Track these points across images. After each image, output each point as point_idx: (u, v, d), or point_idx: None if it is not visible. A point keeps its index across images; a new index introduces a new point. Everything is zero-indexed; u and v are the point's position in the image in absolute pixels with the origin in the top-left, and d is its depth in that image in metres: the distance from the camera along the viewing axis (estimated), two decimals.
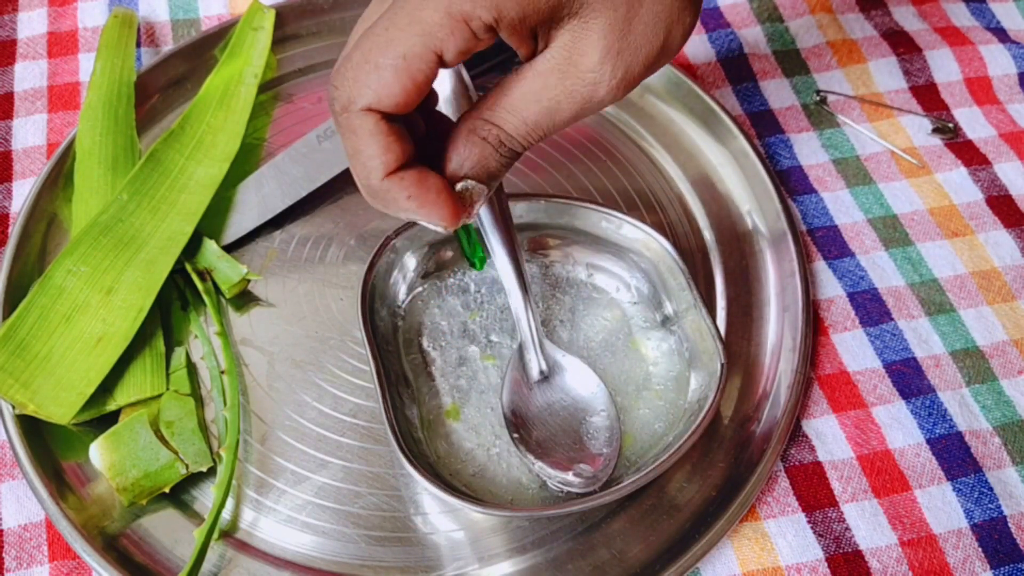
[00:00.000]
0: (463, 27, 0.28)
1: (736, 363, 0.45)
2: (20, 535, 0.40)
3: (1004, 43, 0.56)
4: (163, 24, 0.57)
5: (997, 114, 0.54)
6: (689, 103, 0.52)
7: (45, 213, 0.48)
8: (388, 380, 0.39)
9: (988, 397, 0.45)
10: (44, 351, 0.41)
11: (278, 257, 0.48)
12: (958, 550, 0.41)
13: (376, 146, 0.29)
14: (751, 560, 0.40)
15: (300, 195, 0.48)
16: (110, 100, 0.50)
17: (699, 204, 0.50)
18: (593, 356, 0.43)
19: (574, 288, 0.45)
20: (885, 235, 0.49)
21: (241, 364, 0.44)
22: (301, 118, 0.53)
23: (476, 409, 0.42)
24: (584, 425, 0.40)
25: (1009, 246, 0.49)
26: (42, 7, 0.57)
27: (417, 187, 0.30)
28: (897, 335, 0.46)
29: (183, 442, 0.40)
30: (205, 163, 0.48)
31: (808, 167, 0.52)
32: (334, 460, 0.42)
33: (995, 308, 0.47)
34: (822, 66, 0.56)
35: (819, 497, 0.42)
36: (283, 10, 0.55)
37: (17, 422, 0.41)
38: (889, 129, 0.54)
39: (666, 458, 0.37)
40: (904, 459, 0.43)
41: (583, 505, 0.37)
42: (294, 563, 0.40)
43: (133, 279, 0.44)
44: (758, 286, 0.47)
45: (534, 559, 0.40)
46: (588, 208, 0.44)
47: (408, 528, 0.40)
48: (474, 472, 0.40)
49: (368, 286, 0.41)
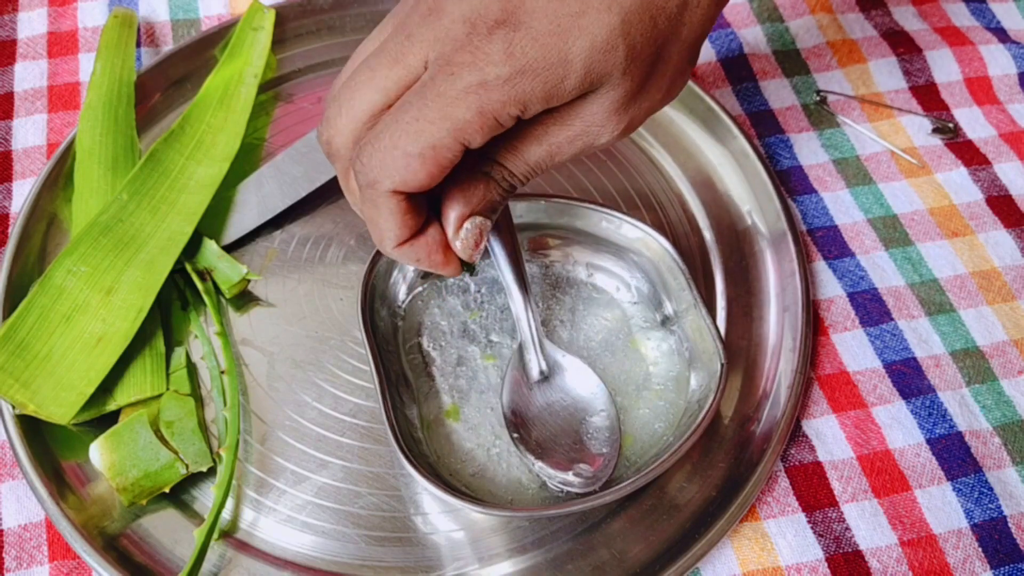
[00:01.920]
0: (492, 122, 0.29)
1: (736, 363, 0.45)
2: (20, 535, 0.40)
3: (1004, 43, 0.56)
4: (163, 24, 0.57)
5: (997, 114, 0.54)
6: (689, 103, 0.52)
7: (45, 213, 0.48)
8: (388, 380, 0.39)
9: (988, 397, 0.45)
10: (44, 351, 0.41)
11: (278, 257, 0.48)
12: (958, 550, 0.41)
13: (393, 222, 0.31)
14: (751, 560, 0.40)
15: (300, 195, 0.48)
16: (110, 100, 0.50)
17: (699, 204, 0.50)
18: (593, 356, 0.43)
19: (574, 288, 0.45)
20: (885, 235, 0.49)
21: (241, 364, 0.44)
22: (301, 118, 0.53)
23: (476, 409, 0.42)
24: (584, 425, 0.40)
25: (1009, 246, 0.49)
26: (42, 7, 0.57)
27: (425, 251, 0.33)
28: (897, 335, 0.46)
29: (183, 442, 0.40)
30: (205, 163, 0.48)
31: (808, 167, 0.52)
32: (334, 460, 0.42)
33: (995, 308, 0.47)
34: (822, 66, 0.56)
35: (819, 497, 0.42)
36: (283, 10, 0.55)
37: (17, 422, 0.41)
38: (889, 129, 0.54)
39: (666, 458, 0.37)
40: (904, 459, 0.43)
41: (583, 505, 0.37)
42: (294, 563, 0.40)
43: (133, 279, 0.44)
44: (758, 286, 0.47)
45: (534, 559, 0.40)
46: (588, 208, 0.44)
47: (408, 528, 0.40)
48: (474, 472, 0.40)
49: (368, 286, 0.41)
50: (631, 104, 0.31)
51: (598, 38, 0.29)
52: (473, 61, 0.29)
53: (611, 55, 0.30)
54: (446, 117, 0.29)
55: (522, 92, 0.29)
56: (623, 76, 0.30)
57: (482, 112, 0.29)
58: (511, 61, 0.29)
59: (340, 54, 0.55)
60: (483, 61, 0.29)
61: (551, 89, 0.29)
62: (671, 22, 0.31)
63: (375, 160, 0.30)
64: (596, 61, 0.29)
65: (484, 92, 0.29)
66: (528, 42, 0.29)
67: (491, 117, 0.29)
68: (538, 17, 0.29)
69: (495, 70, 0.29)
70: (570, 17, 0.29)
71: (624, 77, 0.30)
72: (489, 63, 0.29)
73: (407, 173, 0.30)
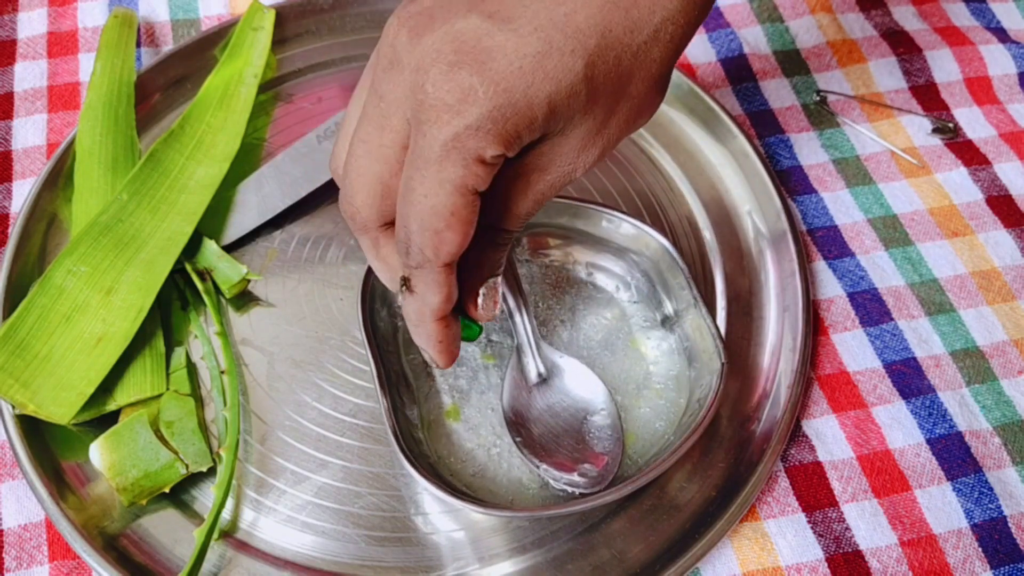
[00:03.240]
0: (481, 166, 0.29)
1: (736, 363, 0.45)
2: (20, 535, 0.40)
3: (1004, 43, 0.56)
4: (163, 24, 0.57)
5: (997, 114, 0.54)
6: (689, 103, 0.52)
7: (45, 213, 0.48)
8: (388, 380, 0.39)
9: (988, 397, 0.45)
10: (44, 351, 0.41)
11: (278, 257, 0.48)
12: (958, 550, 0.41)
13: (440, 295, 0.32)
14: (751, 560, 0.40)
15: (300, 195, 0.48)
16: (110, 100, 0.50)
17: (699, 204, 0.50)
18: (593, 355, 0.43)
19: (574, 288, 0.45)
20: (885, 235, 0.49)
21: (241, 364, 0.44)
22: (301, 118, 0.53)
23: (476, 409, 0.42)
24: (586, 424, 0.40)
25: (1009, 246, 0.49)
26: (42, 7, 0.57)
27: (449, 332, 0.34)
28: (897, 335, 0.46)
29: (183, 442, 0.40)
30: (205, 163, 0.48)
31: (808, 167, 0.52)
32: (334, 460, 0.42)
33: (995, 308, 0.47)
34: (822, 66, 0.56)
35: (819, 497, 0.42)
36: (283, 10, 0.55)
37: (17, 422, 0.41)
38: (889, 129, 0.54)
39: (667, 457, 0.37)
40: (904, 459, 0.43)
41: (584, 505, 0.37)
42: (294, 563, 0.40)
43: (133, 279, 0.44)
44: (758, 286, 0.47)
45: (534, 559, 0.40)
46: (588, 208, 0.44)
47: (408, 528, 0.40)
48: (474, 472, 0.40)
49: (368, 286, 0.41)
50: (598, 137, 0.31)
51: (563, 84, 0.28)
52: (438, 116, 0.28)
53: (574, 99, 0.29)
54: (444, 181, 0.29)
55: (496, 135, 0.28)
56: (584, 115, 0.30)
57: (467, 163, 0.28)
58: (475, 107, 0.28)
59: (340, 54, 0.55)
60: (447, 113, 0.28)
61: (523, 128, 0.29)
62: (636, 59, 0.30)
63: (414, 246, 0.30)
64: (561, 104, 0.29)
65: (461, 144, 0.28)
66: (490, 86, 0.28)
67: (479, 163, 0.29)
68: (497, 57, 0.28)
69: (461, 120, 0.28)
70: (533, 58, 0.28)
71: (586, 116, 0.30)
72: (453, 113, 0.28)
73: (448, 246, 0.30)
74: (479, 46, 0.28)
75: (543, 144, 0.31)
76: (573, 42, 0.28)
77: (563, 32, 0.28)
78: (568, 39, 0.28)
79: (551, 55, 0.28)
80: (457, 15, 0.29)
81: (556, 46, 0.28)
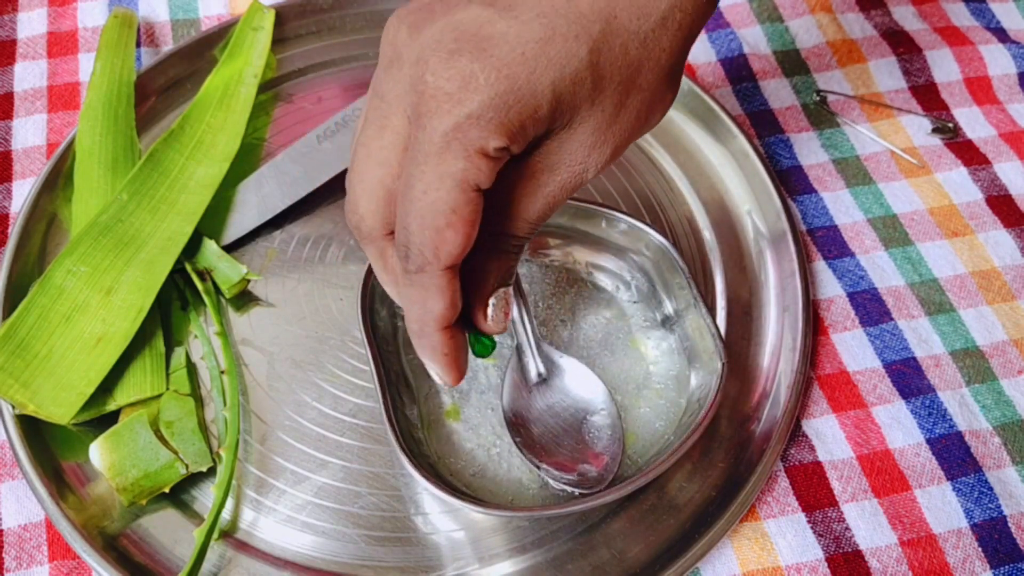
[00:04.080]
0: (484, 160, 0.28)
1: (736, 363, 0.45)
2: (20, 535, 0.40)
3: (1004, 43, 0.56)
4: (163, 24, 0.57)
5: (997, 114, 0.54)
6: (689, 103, 0.53)
7: (45, 213, 0.48)
8: (388, 380, 0.39)
9: (988, 397, 0.45)
10: (44, 351, 0.41)
11: (278, 257, 0.48)
12: (958, 550, 0.41)
13: (443, 301, 0.30)
14: (751, 560, 0.40)
15: (300, 195, 0.48)
16: (110, 100, 0.50)
17: (699, 204, 0.50)
18: (593, 355, 0.43)
19: (574, 287, 0.45)
20: (885, 235, 0.49)
21: (241, 364, 0.44)
22: (301, 118, 0.53)
23: (476, 409, 0.42)
24: (586, 424, 0.40)
25: (1009, 246, 0.49)
26: (42, 7, 0.57)
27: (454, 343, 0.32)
28: (897, 335, 0.46)
29: (183, 442, 0.40)
30: (205, 163, 0.48)
31: (808, 167, 0.52)
32: (334, 460, 0.42)
33: (995, 308, 0.47)
34: (822, 66, 0.56)
35: (819, 497, 0.42)
36: (283, 10, 0.55)
37: (17, 422, 0.41)
38: (889, 129, 0.54)
39: (667, 457, 0.37)
40: (904, 459, 0.43)
41: (584, 505, 0.37)
42: (294, 563, 0.40)
43: (133, 279, 0.44)
44: (758, 286, 0.47)
45: (534, 559, 0.40)
46: (588, 208, 0.44)
47: (408, 528, 0.40)
48: (474, 472, 0.40)
49: (368, 286, 0.41)
50: (608, 133, 0.30)
51: (567, 70, 0.28)
52: (438, 106, 0.27)
53: (580, 88, 0.28)
54: (444, 175, 0.28)
55: (499, 125, 0.27)
56: (592, 107, 0.29)
57: (469, 156, 0.27)
58: (477, 94, 0.27)
59: (340, 54, 0.55)
60: (448, 102, 0.27)
61: (527, 119, 0.28)
62: (644, 47, 0.29)
63: (414, 247, 0.29)
64: (566, 92, 0.28)
65: (462, 134, 0.27)
66: (491, 72, 0.27)
67: (482, 156, 0.28)
68: (499, 43, 0.27)
69: (462, 109, 0.27)
70: (536, 44, 0.27)
71: (594, 108, 0.29)
72: (454, 102, 0.27)
73: (449, 246, 0.29)
74: (480, 33, 0.27)
75: (550, 141, 0.30)
76: (577, 28, 0.28)
77: (566, 18, 0.28)
78: (571, 24, 0.28)
79: (554, 41, 0.28)
80: (457, 7, 0.28)
81: (559, 32, 0.28)
